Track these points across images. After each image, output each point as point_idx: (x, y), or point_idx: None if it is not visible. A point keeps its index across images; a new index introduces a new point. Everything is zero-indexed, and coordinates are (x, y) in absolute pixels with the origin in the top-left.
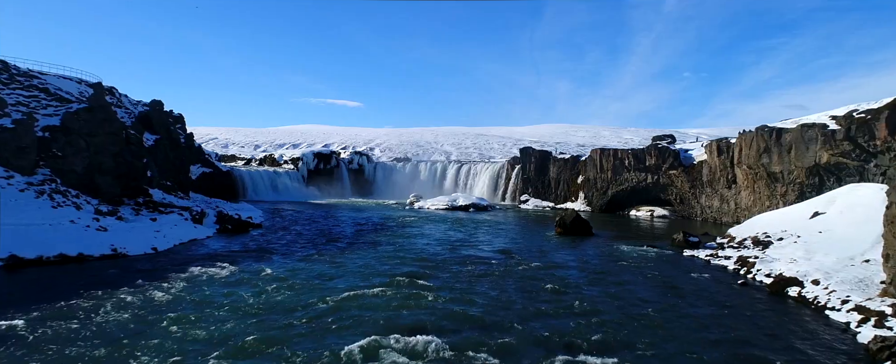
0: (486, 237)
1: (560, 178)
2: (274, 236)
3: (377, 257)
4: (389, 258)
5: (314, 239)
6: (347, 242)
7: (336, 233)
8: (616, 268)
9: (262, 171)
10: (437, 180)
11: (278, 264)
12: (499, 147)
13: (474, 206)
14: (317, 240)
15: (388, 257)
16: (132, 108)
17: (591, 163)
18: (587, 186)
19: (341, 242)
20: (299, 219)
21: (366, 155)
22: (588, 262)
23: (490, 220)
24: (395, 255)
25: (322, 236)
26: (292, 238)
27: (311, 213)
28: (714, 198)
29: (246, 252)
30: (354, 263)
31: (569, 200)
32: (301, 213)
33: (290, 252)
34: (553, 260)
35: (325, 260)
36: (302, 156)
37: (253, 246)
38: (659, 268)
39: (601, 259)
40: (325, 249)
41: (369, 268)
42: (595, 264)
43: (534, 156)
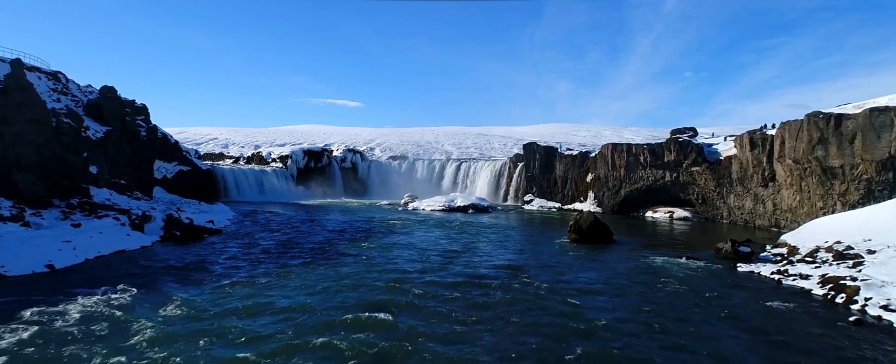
0: (485, 246)
1: (567, 176)
2: (227, 246)
3: (341, 280)
4: (357, 282)
5: (274, 250)
6: (312, 256)
7: (305, 242)
8: (661, 293)
9: (246, 170)
10: (435, 179)
11: (199, 290)
12: (500, 147)
13: (474, 206)
14: (276, 251)
15: (356, 280)
16: (80, 96)
17: (601, 159)
18: (597, 185)
19: (305, 256)
20: (273, 223)
21: (359, 153)
22: (619, 283)
23: (491, 224)
24: (366, 276)
25: (285, 247)
26: (246, 249)
27: (291, 216)
28: (745, 198)
29: (174, 269)
30: (306, 291)
31: (577, 201)
32: (278, 216)
33: (230, 270)
34: (573, 280)
35: (267, 284)
36: (291, 153)
37: (190, 260)
38: (717, 290)
39: (635, 278)
40: (276, 267)
41: (326, 298)
42: (630, 287)
43: (538, 152)
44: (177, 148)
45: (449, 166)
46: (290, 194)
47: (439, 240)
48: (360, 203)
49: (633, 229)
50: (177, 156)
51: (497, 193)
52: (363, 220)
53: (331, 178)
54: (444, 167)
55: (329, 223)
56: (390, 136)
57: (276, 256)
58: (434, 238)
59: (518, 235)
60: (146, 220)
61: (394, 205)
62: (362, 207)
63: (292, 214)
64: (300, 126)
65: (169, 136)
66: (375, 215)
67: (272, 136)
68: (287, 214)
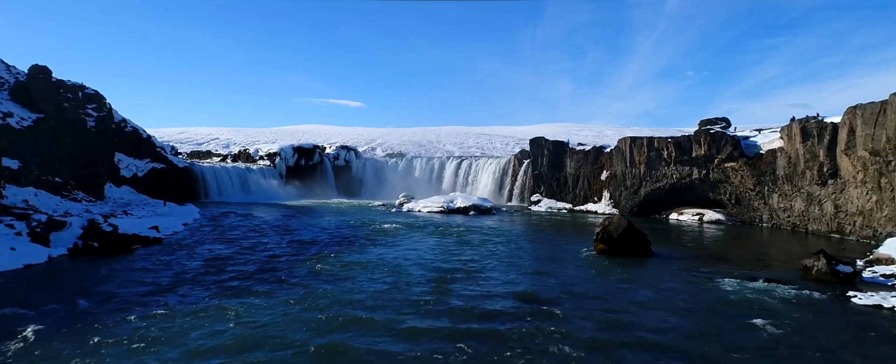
0: (491, 262)
1: (579, 173)
2: (154, 262)
3: (277, 321)
4: (301, 323)
5: (206, 270)
6: (262, 278)
7: (255, 258)
8: (760, 342)
9: (230, 168)
10: (434, 179)
11: (55, 339)
12: (501, 147)
13: (475, 208)
14: (208, 272)
15: (302, 320)
16: (7, 77)
17: (618, 155)
18: (613, 184)
19: (250, 279)
20: (236, 229)
21: (353, 150)
22: (690, 325)
23: (495, 229)
24: (323, 313)
25: (225, 265)
26: (174, 268)
27: (263, 220)
28: (794, 198)
29: (47, 300)
30: (209, 344)
31: (590, 201)
32: (249, 220)
33: (127, 304)
34: (622, 320)
35: (155, 336)
36: (279, 150)
37: (86, 285)
38: (844, 340)
39: (710, 316)
40: (189, 302)
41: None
42: (709, 333)
43: (546, 148)
44: (150, 144)
45: (449, 164)
46: (278, 194)
47: (434, 250)
48: (352, 204)
49: (662, 236)
50: (150, 152)
51: (500, 193)
52: (347, 226)
53: (322, 177)
54: (444, 165)
55: (304, 229)
56: (392, 135)
57: (200, 281)
58: (428, 248)
59: (530, 245)
60: (54, 227)
61: (388, 206)
62: (352, 209)
63: (267, 218)
64: (302, 126)
65: (141, 131)
66: (364, 218)
67: (273, 136)
68: (261, 218)
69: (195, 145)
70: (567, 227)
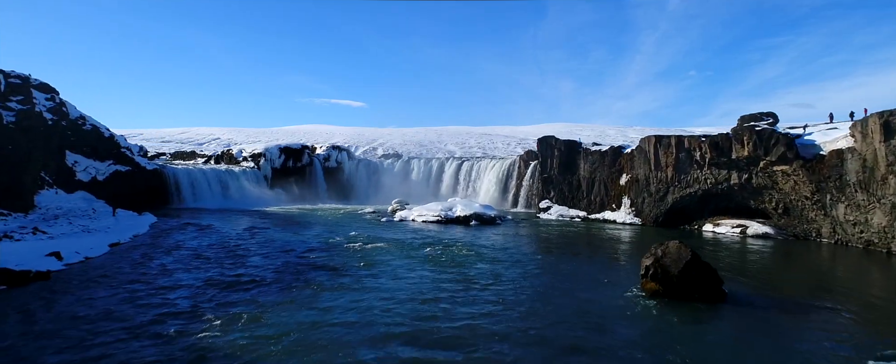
0: (499, 309)
1: (594, 177)
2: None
3: None
4: None
5: (73, 339)
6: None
7: (160, 311)
8: None
9: (208, 171)
10: (433, 182)
11: None
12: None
13: (477, 217)
14: (77, 342)
15: None
16: None
17: (640, 157)
18: (635, 189)
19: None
20: (179, 251)
21: (346, 150)
22: None
23: (501, 249)
24: None
25: (113, 320)
26: (32, 322)
27: (224, 236)
28: (870, 210)
29: None
30: None
31: (607, 208)
32: (206, 237)
33: None
34: None
35: None
36: (264, 151)
37: None
38: None
39: None
40: None
41: None
42: None
43: (557, 148)
44: (112, 143)
45: (448, 166)
46: (262, 199)
47: (421, 280)
48: (341, 211)
49: (709, 258)
50: (112, 153)
51: (504, 197)
52: (322, 245)
53: (312, 180)
54: (444, 167)
55: (262, 252)
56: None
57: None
58: (414, 278)
59: (549, 279)
60: None
61: (380, 213)
62: (338, 217)
63: (231, 232)
64: (303, 126)
65: (101, 129)
66: (348, 230)
67: (275, 137)
68: (223, 233)
69: (196, 145)
70: (588, 243)
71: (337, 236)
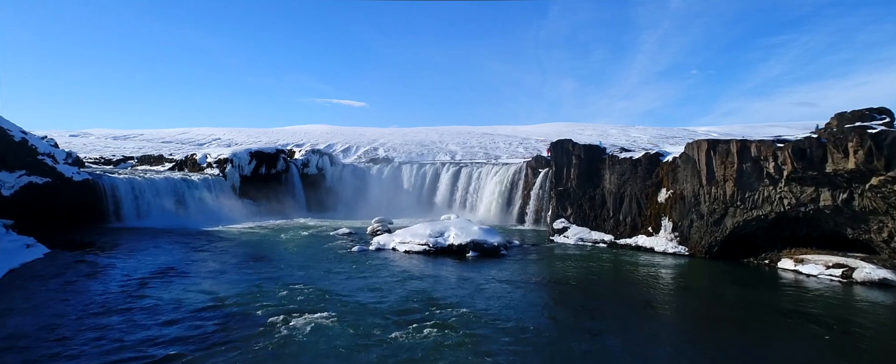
0: None
1: (623, 192)
2: None
3: None
4: None
5: None
6: None
7: None
8: None
9: (159, 180)
10: (426, 191)
11: None
12: (505, 146)
13: (476, 247)
14: None
15: None
16: None
17: (686, 167)
18: (679, 209)
19: None
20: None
21: (327, 155)
22: None
23: (509, 301)
24: None
25: None
26: None
27: (110, 286)
28: None
29: None
30: None
31: (641, 232)
32: (86, 284)
33: None
34: None
35: None
36: (231, 156)
37: None
38: None
39: None
40: None
41: None
42: None
43: (576, 154)
44: (26, 150)
45: (445, 173)
46: (225, 214)
47: None
48: (312, 229)
49: (812, 322)
50: (25, 161)
51: (508, 211)
52: (240, 307)
53: (288, 190)
54: (439, 174)
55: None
56: (394, 135)
57: None
58: None
59: None
60: None
61: (357, 234)
62: (303, 241)
63: (134, 273)
64: (304, 126)
65: (9, 131)
66: (299, 271)
67: (275, 137)
68: (121, 275)
69: (196, 146)
70: (631, 287)
71: (272, 289)
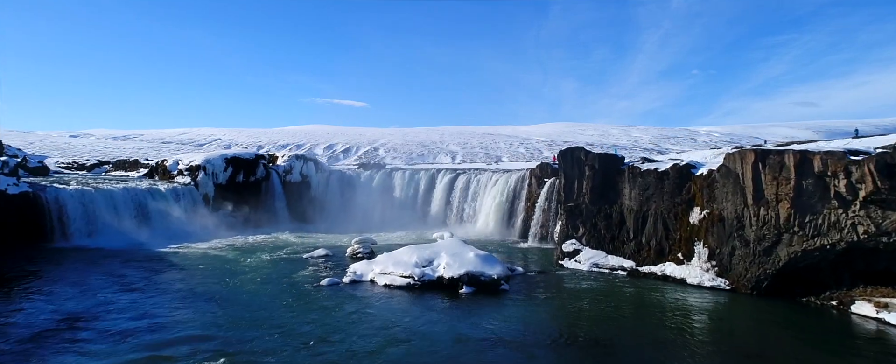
0: None
1: (646, 210)
2: None
3: None
4: None
5: None
6: None
7: None
8: None
9: (117, 191)
10: (420, 200)
11: None
12: (506, 147)
13: (470, 279)
14: None
15: None
16: None
17: (727, 182)
18: (717, 233)
19: None
20: None
21: (313, 160)
22: None
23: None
24: None
25: None
26: None
27: None
28: None
29: None
30: None
31: (668, 258)
32: None
33: None
34: None
35: None
36: (205, 162)
37: None
38: None
39: None
40: None
41: None
42: None
43: (589, 165)
44: None
45: (440, 180)
46: (194, 229)
47: None
48: (285, 249)
49: None
50: None
51: (509, 225)
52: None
53: (269, 200)
54: (434, 181)
55: None
56: (395, 135)
57: None
58: None
59: None
60: None
61: (333, 257)
62: (268, 267)
63: (25, 319)
64: (304, 126)
65: None
66: (251, 320)
67: (276, 137)
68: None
69: (196, 146)
70: (662, 335)
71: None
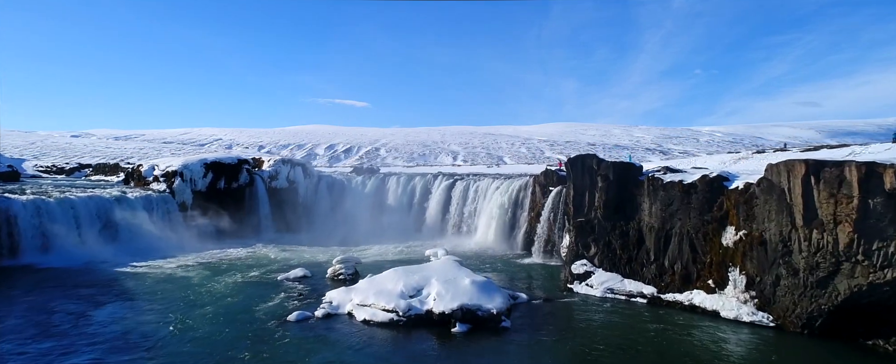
0: None
1: (670, 228)
2: None
3: None
4: None
5: None
6: None
7: None
8: None
9: (79, 201)
10: (415, 208)
11: None
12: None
13: (465, 314)
14: None
15: None
16: None
17: (770, 197)
18: (757, 258)
19: None
20: None
21: (301, 165)
22: None
23: None
24: None
25: None
26: None
27: None
28: None
29: None
30: None
31: (696, 285)
32: None
33: None
34: None
35: None
36: (182, 168)
37: None
38: None
39: None
40: None
41: None
42: None
43: (603, 175)
44: None
45: (437, 187)
46: (169, 242)
47: None
48: (264, 268)
49: None
50: None
51: (511, 237)
52: None
53: (252, 207)
54: (430, 189)
55: None
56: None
57: None
58: None
59: None
60: None
61: (315, 277)
62: (235, 295)
63: None
64: (306, 126)
65: None
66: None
67: (277, 137)
68: None
69: (197, 146)
70: None
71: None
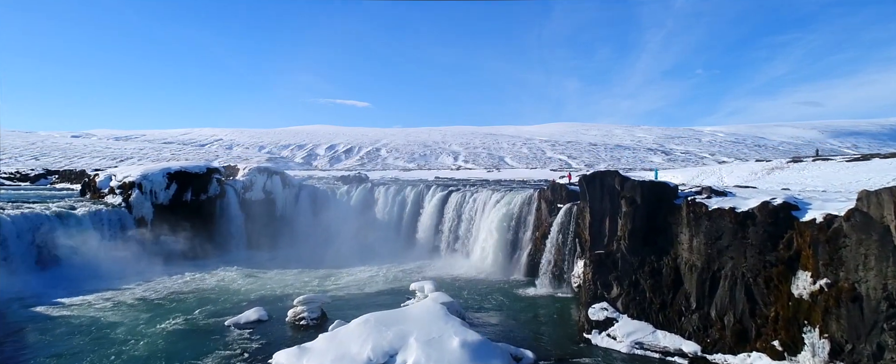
0: None
1: (719, 269)
2: None
3: None
4: None
5: None
6: None
7: None
8: None
9: (7, 220)
10: (406, 223)
11: None
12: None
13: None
14: None
15: None
16: None
17: (866, 236)
18: (847, 317)
19: None
20: None
21: (279, 174)
22: None
23: None
24: None
25: None
26: None
27: None
28: None
29: None
30: None
31: (756, 346)
32: None
33: None
34: None
35: None
36: (140, 178)
37: None
38: None
39: None
40: None
41: None
42: None
43: (627, 197)
44: None
45: (429, 199)
46: (118, 266)
47: None
48: (219, 304)
49: None
50: None
51: (513, 259)
52: None
53: (223, 222)
54: (422, 201)
55: None
56: (397, 136)
57: None
58: None
59: None
60: None
61: (272, 321)
62: (157, 352)
63: None
64: (307, 126)
65: None
66: None
67: (278, 137)
68: None
69: (197, 146)
70: None
71: None
